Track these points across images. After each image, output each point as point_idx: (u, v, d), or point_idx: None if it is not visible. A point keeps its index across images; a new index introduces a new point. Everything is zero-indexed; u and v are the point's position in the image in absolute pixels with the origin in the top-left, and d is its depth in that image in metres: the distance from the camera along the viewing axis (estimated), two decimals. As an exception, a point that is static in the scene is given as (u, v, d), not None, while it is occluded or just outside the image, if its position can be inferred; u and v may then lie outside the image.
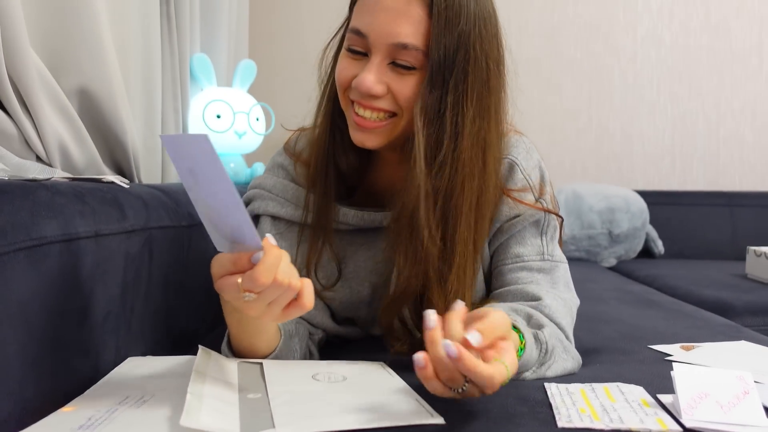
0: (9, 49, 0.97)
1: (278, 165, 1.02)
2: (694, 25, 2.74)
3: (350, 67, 0.85)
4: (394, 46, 0.80)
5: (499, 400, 0.72)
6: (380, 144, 0.87)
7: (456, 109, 0.82)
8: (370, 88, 0.81)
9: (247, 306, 0.66)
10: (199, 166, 0.61)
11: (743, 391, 0.67)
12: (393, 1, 0.80)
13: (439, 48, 0.79)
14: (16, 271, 0.66)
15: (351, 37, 0.84)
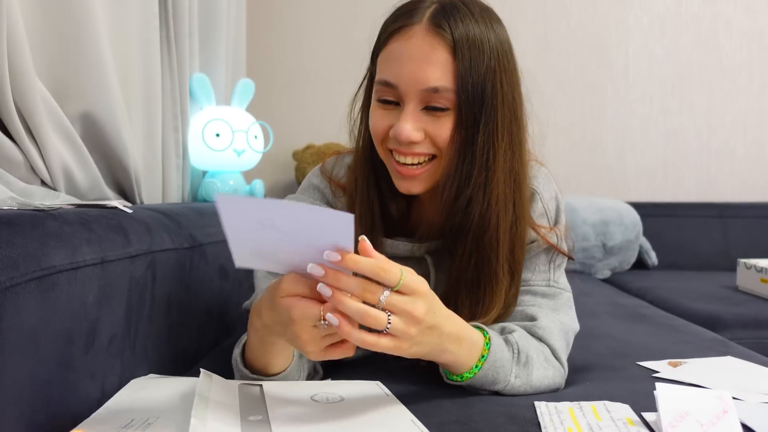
0: (15, 77, 1.01)
1: (314, 187, 1.03)
2: (685, 41, 2.78)
3: (384, 118, 0.87)
4: (425, 91, 0.82)
5: (490, 419, 0.75)
6: (426, 188, 0.89)
7: (487, 146, 0.84)
8: (408, 136, 0.83)
9: (305, 330, 0.69)
10: (263, 219, 0.64)
11: (722, 410, 0.70)
12: (417, 48, 0.82)
13: (467, 87, 0.81)
14: (27, 300, 0.69)
15: (380, 89, 0.86)
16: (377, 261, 0.67)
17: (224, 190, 1.89)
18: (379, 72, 0.86)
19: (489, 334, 0.83)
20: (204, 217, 1.34)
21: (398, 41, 0.84)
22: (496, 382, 0.84)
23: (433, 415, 0.76)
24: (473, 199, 0.86)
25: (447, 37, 0.81)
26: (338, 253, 0.64)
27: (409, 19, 0.83)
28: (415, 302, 0.69)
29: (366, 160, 0.94)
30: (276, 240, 0.66)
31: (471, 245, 0.88)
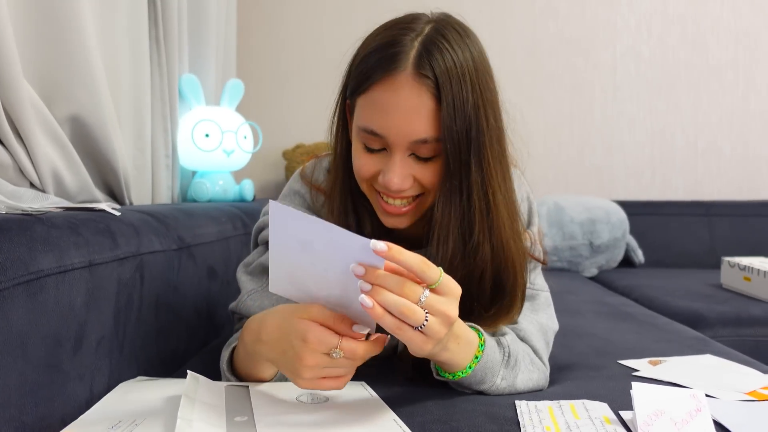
0: (3, 80, 1.01)
1: (295, 192, 1.03)
2: (672, 41, 2.81)
3: (370, 162, 0.86)
4: (413, 143, 0.81)
5: (471, 418, 0.76)
6: (412, 222, 0.90)
7: (485, 187, 0.83)
8: (399, 187, 0.82)
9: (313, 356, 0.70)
10: (304, 240, 0.66)
11: (696, 409, 0.72)
12: (405, 99, 0.80)
13: (452, 136, 0.80)
14: (15, 304, 0.70)
15: (366, 137, 0.84)
16: (420, 257, 0.68)
17: (213, 190, 1.90)
18: (363, 118, 0.84)
19: (483, 336, 0.84)
20: (193, 219, 1.35)
21: (383, 91, 0.81)
22: (483, 382, 0.85)
23: (416, 414, 0.78)
24: (480, 246, 0.84)
25: (430, 83, 0.79)
26: (384, 244, 0.65)
27: (393, 66, 0.80)
28: (451, 304, 0.71)
29: (346, 188, 0.93)
30: (311, 264, 0.68)
31: (489, 287, 0.87)
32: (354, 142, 0.88)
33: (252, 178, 2.18)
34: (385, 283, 0.66)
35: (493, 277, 0.86)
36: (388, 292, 0.66)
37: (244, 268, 1.02)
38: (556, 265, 2.49)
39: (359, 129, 0.85)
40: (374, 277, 0.66)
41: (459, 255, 0.84)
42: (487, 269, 0.85)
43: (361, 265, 0.66)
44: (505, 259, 0.86)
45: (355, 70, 0.86)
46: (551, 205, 2.52)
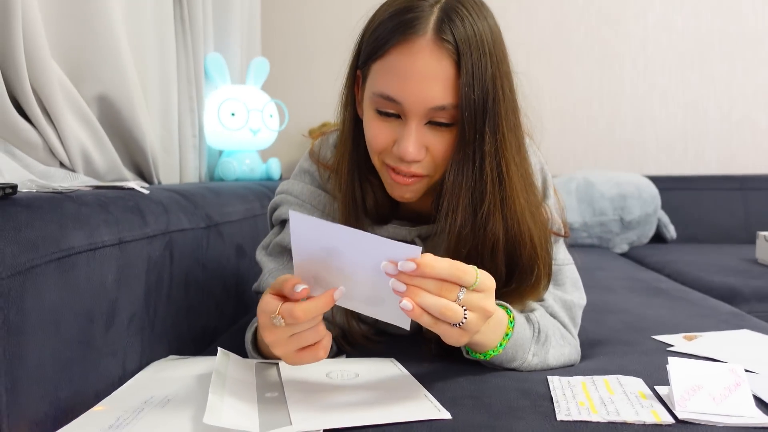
0: (31, 61, 1.02)
1: (305, 171, 1.03)
2: (706, 10, 2.73)
3: (384, 131, 0.83)
4: (431, 109, 0.80)
5: (504, 394, 0.76)
6: (418, 196, 0.88)
7: (498, 156, 0.81)
8: (414, 156, 0.81)
9: (270, 329, 0.69)
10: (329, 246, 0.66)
11: (735, 383, 0.70)
12: (424, 65, 0.78)
13: (470, 103, 0.78)
14: (48, 281, 0.70)
15: (381, 102, 0.82)
16: (454, 263, 0.67)
17: (241, 168, 1.90)
18: (379, 84, 0.81)
19: (513, 313, 0.83)
20: (220, 197, 1.35)
21: (402, 55, 0.79)
22: (514, 359, 0.85)
23: (447, 390, 0.77)
24: (490, 216, 0.82)
25: (451, 49, 0.77)
26: (413, 262, 0.64)
27: (412, 30, 0.78)
28: (488, 298, 0.70)
29: (353, 159, 0.92)
30: (337, 269, 0.68)
31: (504, 261, 0.84)
32: (366, 111, 0.86)
33: (278, 156, 2.18)
34: (422, 285, 0.66)
35: (506, 251, 0.84)
36: (425, 293, 0.66)
37: (263, 250, 1.03)
38: (587, 241, 2.45)
39: (373, 95, 0.82)
40: (409, 278, 0.65)
41: (469, 225, 0.82)
42: (499, 242, 0.83)
43: (391, 263, 0.65)
44: (519, 233, 0.83)
45: (369, 37, 0.84)
46: (581, 180, 2.48)
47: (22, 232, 0.68)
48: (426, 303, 0.66)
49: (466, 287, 0.68)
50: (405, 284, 0.65)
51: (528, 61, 2.77)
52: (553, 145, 2.80)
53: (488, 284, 0.70)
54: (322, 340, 0.71)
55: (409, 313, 0.66)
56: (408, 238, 0.95)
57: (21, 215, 0.70)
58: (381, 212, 0.95)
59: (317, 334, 0.70)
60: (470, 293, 0.68)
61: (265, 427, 0.63)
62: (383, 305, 0.70)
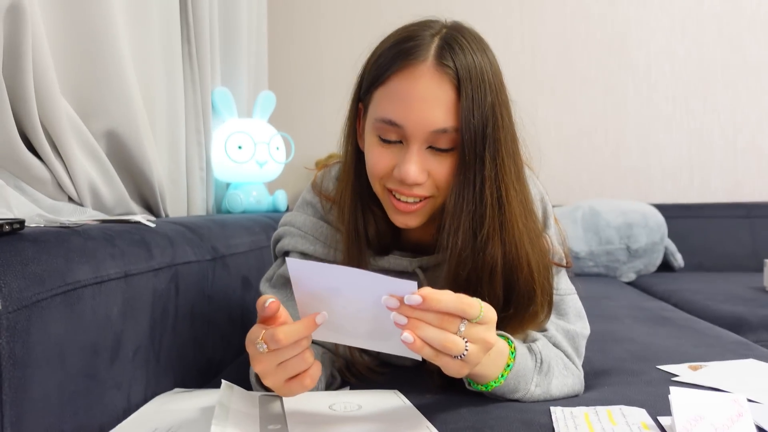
0: (41, 97, 1.04)
1: (307, 203, 1.04)
2: (707, 40, 2.76)
3: (385, 157, 0.85)
4: (433, 132, 0.81)
5: (506, 425, 0.75)
6: (422, 222, 0.88)
7: (497, 181, 0.82)
8: (415, 179, 0.82)
9: (258, 358, 0.70)
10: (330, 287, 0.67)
11: (737, 414, 0.70)
12: (425, 88, 0.80)
13: (470, 127, 0.80)
14: (54, 314, 0.71)
15: (383, 128, 0.83)
16: (459, 297, 0.67)
17: (248, 201, 1.92)
18: (380, 109, 0.83)
19: (514, 344, 0.84)
20: (226, 229, 1.36)
21: (404, 80, 0.81)
22: (517, 390, 0.84)
23: (450, 421, 0.77)
24: (489, 241, 0.83)
25: (452, 74, 0.80)
26: (419, 296, 0.65)
27: (414, 57, 0.80)
28: (489, 330, 0.71)
29: (356, 188, 0.93)
30: (342, 308, 0.69)
31: (501, 286, 0.85)
32: (368, 138, 0.87)
33: (285, 188, 2.20)
34: (423, 317, 0.66)
35: (504, 276, 0.84)
36: (427, 326, 0.66)
37: (267, 282, 1.04)
38: (593, 270, 2.45)
39: (375, 121, 0.84)
40: (410, 311, 0.66)
41: (469, 248, 0.83)
42: (498, 266, 0.83)
43: (393, 297, 0.66)
44: (517, 257, 0.84)
45: (371, 67, 0.87)
46: (586, 209, 2.49)
47: (28, 267, 0.69)
48: (428, 336, 0.66)
49: (470, 320, 0.69)
50: (407, 317, 0.66)
51: (532, 91, 2.80)
52: (559, 174, 2.81)
53: (490, 316, 0.71)
54: (310, 368, 0.72)
55: (410, 345, 0.66)
56: (409, 268, 0.96)
57: (28, 250, 0.71)
58: (382, 242, 0.96)
59: (304, 362, 0.71)
60: (472, 326, 0.69)
61: (266, 459, 0.64)
62: (390, 340, 0.71)
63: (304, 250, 0.99)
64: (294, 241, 1.00)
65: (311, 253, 0.99)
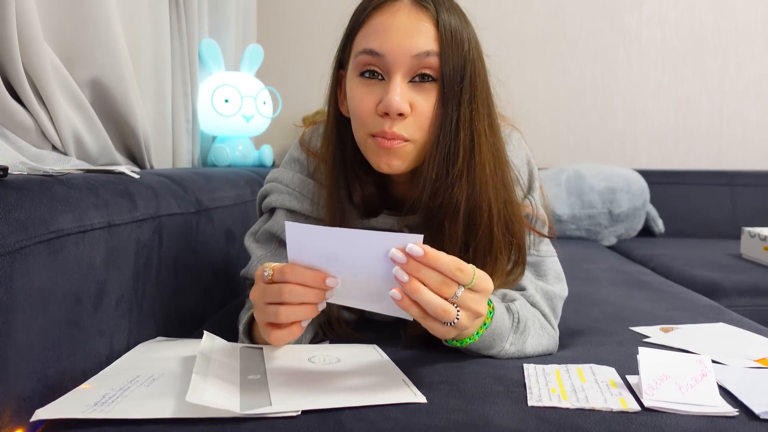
0: (24, 43, 1.03)
1: (295, 159, 1.05)
2: (700, 5, 2.75)
3: (368, 96, 0.85)
4: (415, 57, 0.82)
5: (479, 380, 0.78)
6: (406, 167, 0.88)
7: (472, 125, 0.84)
8: (399, 107, 0.82)
9: (259, 285, 0.73)
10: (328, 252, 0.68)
11: (701, 374, 0.72)
12: (405, 17, 0.82)
13: (449, 63, 0.82)
14: (37, 262, 0.72)
15: (365, 59, 0.84)
16: (455, 259, 0.69)
17: (233, 155, 1.92)
18: (362, 43, 0.85)
19: (493, 303, 0.85)
20: (211, 182, 1.37)
21: (382, 15, 0.83)
22: (492, 347, 0.87)
23: (425, 375, 0.80)
24: (458, 180, 0.85)
25: (431, 11, 0.82)
26: (421, 248, 0.67)
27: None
28: (482, 300, 0.74)
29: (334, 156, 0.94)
30: (336, 272, 0.70)
31: (462, 226, 0.87)
32: (350, 82, 0.88)
33: (271, 143, 2.19)
34: (425, 278, 0.68)
35: (466, 215, 0.87)
36: (425, 290, 0.68)
37: (252, 236, 1.05)
38: (575, 233, 2.48)
39: (357, 55, 0.85)
40: (415, 269, 0.67)
41: (441, 181, 0.85)
42: (461, 206, 0.86)
43: (400, 250, 0.67)
44: (479, 201, 0.86)
45: (349, 23, 0.89)
46: (571, 173, 2.50)
47: (11, 214, 0.70)
48: (424, 299, 0.68)
49: (463, 284, 0.71)
50: (408, 275, 0.68)
51: (522, 53, 2.78)
52: (546, 136, 2.82)
53: (483, 286, 0.73)
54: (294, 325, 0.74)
55: (398, 302, 0.68)
56: (396, 227, 0.97)
57: (11, 197, 0.72)
58: (370, 205, 0.97)
59: (294, 314, 0.72)
60: (467, 293, 0.71)
61: (245, 406, 0.66)
62: (382, 301, 0.73)
63: (291, 206, 1.00)
64: (281, 198, 1.01)
65: (298, 210, 1.00)
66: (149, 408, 0.66)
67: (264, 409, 0.65)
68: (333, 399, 0.69)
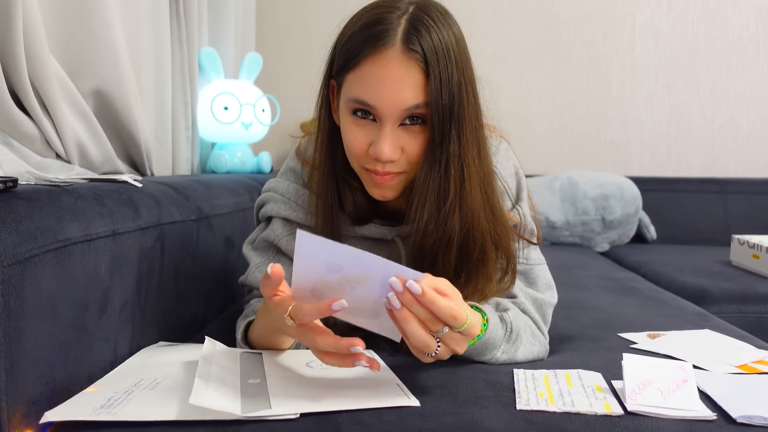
0: (30, 55, 1.06)
1: (290, 169, 1.07)
2: (692, 16, 2.79)
3: (360, 135, 0.88)
4: (404, 111, 0.84)
5: (470, 384, 0.81)
6: (398, 194, 0.92)
7: (461, 159, 0.87)
8: (390, 156, 0.85)
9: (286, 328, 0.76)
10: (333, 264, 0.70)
11: (683, 379, 0.76)
12: (395, 72, 0.83)
13: (438, 107, 0.84)
14: (45, 270, 0.75)
15: (356, 107, 0.87)
16: (451, 308, 0.72)
17: (232, 161, 1.95)
18: (353, 91, 0.86)
19: (487, 316, 0.88)
20: (211, 190, 1.40)
21: (374, 65, 0.84)
22: (484, 354, 0.90)
23: (419, 380, 0.83)
24: (451, 214, 0.88)
25: (419, 57, 0.83)
26: (420, 287, 0.69)
27: (382, 42, 0.83)
28: (464, 342, 0.77)
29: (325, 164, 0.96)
30: (338, 284, 0.72)
31: (455, 256, 0.90)
32: (343, 117, 0.90)
33: (269, 150, 2.22)
34: (416, 311, 0.71)
35: (459, 246, 0.90)
36: (413, 322, 0.71)
37: (250, 245, 1.08)
38: (569, 240, 2.51)
39: (349, 100, 0.87)
40: (408, 302, 0.70)
41: (433, 221, 0.88)
42: (455, 237, 0.89)
43: (400, 280, 0.70)
44: (471, 228, 0.89)
45: (341, 49, 0.89)
46: (565, 180, 2.54)
47: (22, 224, 0.73)
48: (410, 331, 0.72)
49: (454, 329, 0.74)
50: (400, 304, 0.70)
51: (517, 61, 2.82)
52: (540, 143, 2.86)
53: (471, 332, 0.76)
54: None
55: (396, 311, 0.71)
56: (388, 236, 1.00)
57: (21, 207, 0.75)
58: (361, 213, 1.00)
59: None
60: (452, 332, 0.74)
61: (246, 409, 0.69)
62: (374, 319, 0.76)
63: (287, 216, 1.03)
64: (277, 207, 1.04)
65: (294, 219, 1.02)
66: (154, 410, 0.69)
67: (264, 412, 0.68)
68: (330, 402, 0.72)
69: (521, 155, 1.12)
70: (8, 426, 0.69)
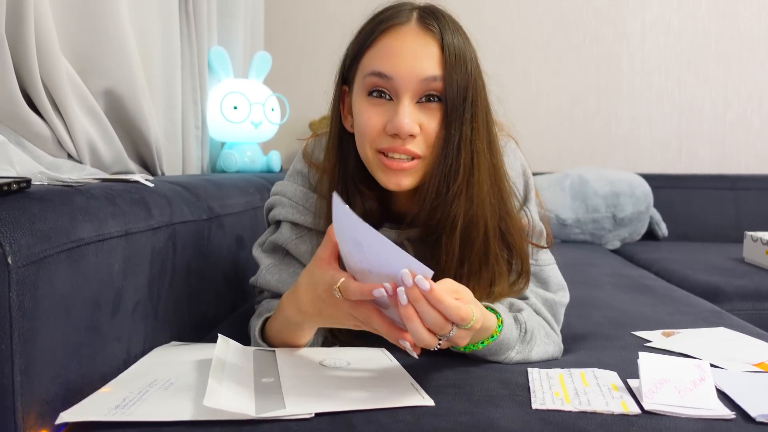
0: (42, 56, 1.06)
1: (298, 172, 1.07)
2: (702, 12, 2.77)
3: (376, 115, 0.87)
4: (423, 81, 0.85)
5: (485, 384, 0.81)
6: (414, 184, 0.90)
7: (472, 144, 0.87)
8: (410, 129, 0.84)
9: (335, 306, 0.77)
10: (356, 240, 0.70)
11: (700, 378, 0.75)
12: (413, 43, 0.85)
13: (453, 83, 0.85)
14: (59, 270, 0.75)
15: (373, 80, 0.87)
16: (459, 306, 0.70)
17: (242, 161, 1.95)
18: (370, 65, 0.87)
19: (502, 317, 0.87)
20: (222, 190, 1.40)
21: (391, 38, 0.86)
22: (498, 354, 0.89)
23: (432, 379, 0.82)
24: (457, 197, 0.88)
25: (436, 34, 0.85)
26: (428, 283, 0.68)
27: (398, 21, 0.86)
28: (467, 336, 0.75)
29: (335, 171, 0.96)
30: (358, 261, 0.72)
31: (459, 241, 0.90)
32: (357, 101, 0.90)
33: (279, 149, 2.22)
34: (424, 314, 0.69)
35: (462, 230, 0.89)
36: (417, 322, 0.69)
37: (259, 247, 1.08)
38: (579, 237, 2.50)
39: (366, 76, 0.88)
40: (414, 298, 0.69)
41: (441, 197, 0.88)
42: (459, 221, 0.89)
43: (411, 273, 0.68)
44: (476, 218, 0.89)
45: (353, 43, 0.92)
46: (575, 177, 2.53)
47: (35, 224, 0.73)
48: (413, 330, 0.70)
49: (459, 326, 0.72)
50: (408, 300, 0.69)
51: (526, 58, 2.81)
52: (551, 141, 2.85)
53: (476, 327, 0.75)
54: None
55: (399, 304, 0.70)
56: (398, 240, 1.00)
57: (35, 208, 0.75)
58: (371, 219, 0.99)
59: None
60: (458, 330, 0.73)
61: (260, 409, 0.68)
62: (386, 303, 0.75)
63: (295, 219, 1.02)
64: (284, 211, 1.03)
65: (302, 223, 1.02)
66: (169, 411, 0.68)
67: (279, 412, 0.68)
68: (345, 402, 0.72)
69: (531, 153, 1.12)
70: (23, 426, 0.68)
